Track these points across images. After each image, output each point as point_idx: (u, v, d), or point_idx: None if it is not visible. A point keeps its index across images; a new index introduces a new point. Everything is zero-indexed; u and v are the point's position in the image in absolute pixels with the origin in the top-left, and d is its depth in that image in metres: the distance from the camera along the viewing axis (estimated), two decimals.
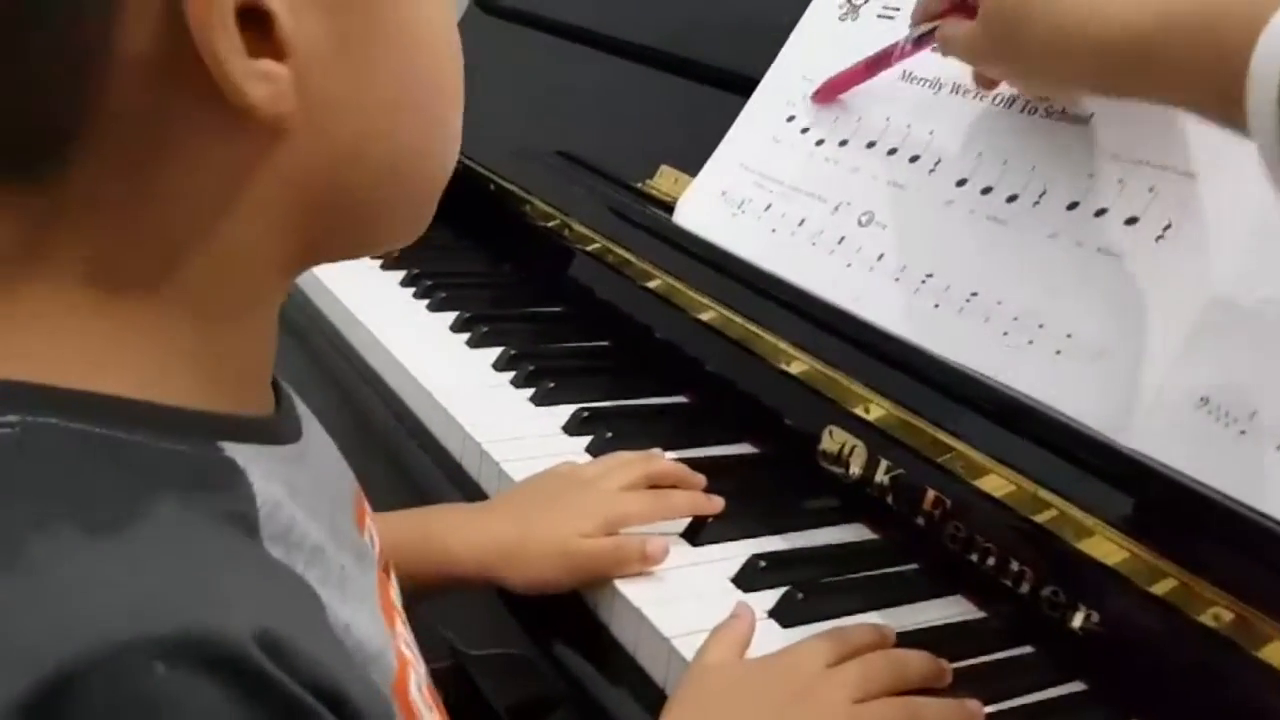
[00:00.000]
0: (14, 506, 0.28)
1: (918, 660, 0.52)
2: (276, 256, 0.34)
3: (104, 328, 0.32)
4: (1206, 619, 0.49)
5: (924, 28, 0.63)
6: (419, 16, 0.34)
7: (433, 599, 0.58)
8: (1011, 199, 0.61)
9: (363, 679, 0.32)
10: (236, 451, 0.32)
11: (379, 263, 1.01)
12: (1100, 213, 0.57)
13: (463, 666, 0.69)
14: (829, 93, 0.73)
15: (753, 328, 0.72)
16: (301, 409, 0.40)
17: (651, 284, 0.82)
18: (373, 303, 0.91)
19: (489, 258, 1.07)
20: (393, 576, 0.45)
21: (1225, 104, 0.45)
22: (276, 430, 0.36)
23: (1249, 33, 0.43)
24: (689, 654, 0.52)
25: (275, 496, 0.33)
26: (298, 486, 0.35)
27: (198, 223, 0.32)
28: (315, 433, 0.40)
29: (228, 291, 0.33)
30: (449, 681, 0.72)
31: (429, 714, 0.39)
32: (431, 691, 0.42)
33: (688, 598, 0.58)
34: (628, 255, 0.84)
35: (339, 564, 0.35)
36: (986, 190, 0.62)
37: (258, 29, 0.30)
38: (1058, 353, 0.55)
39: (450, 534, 0.60)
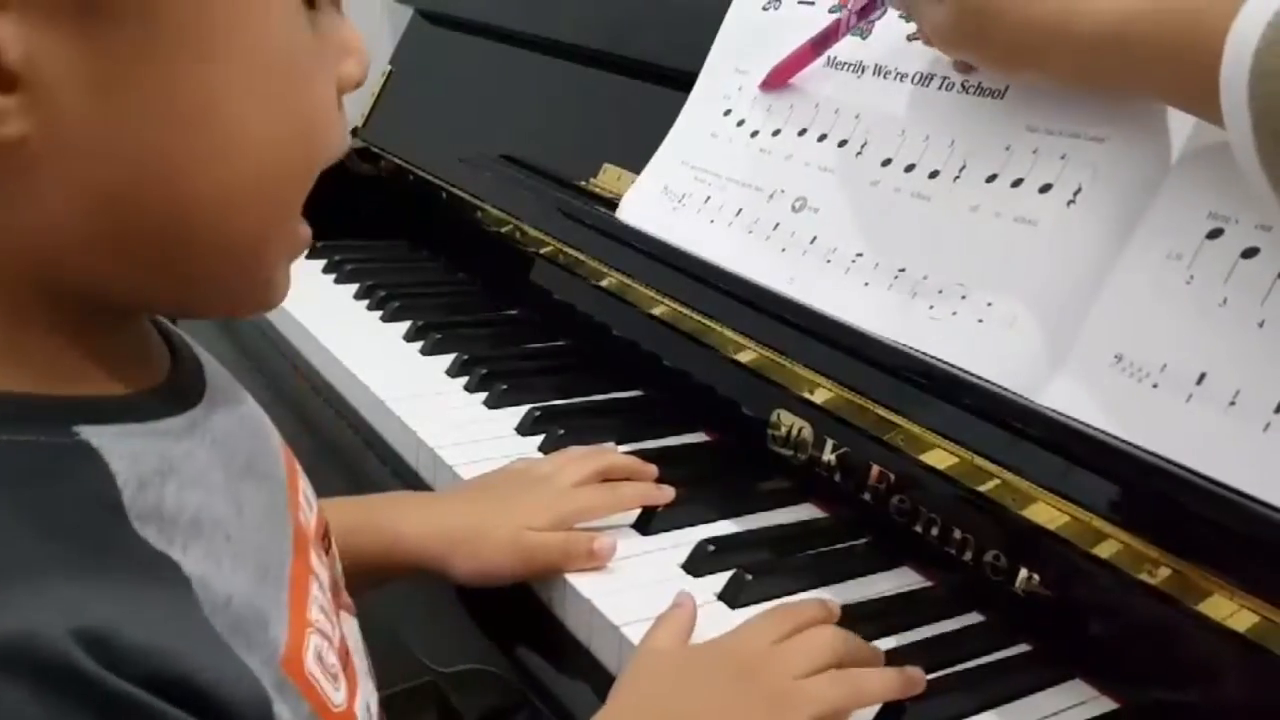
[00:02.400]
0: None
1: (858, 640, 0.53)
2: (60, 289, 0.33)
3: None
4: (1146, 576, 0.50)
5: (861, 9, 0.64)
6: (222, 75, 0.32)
7: (379, 586, 0.59)
8: (933, 175, 0.62)
9: (231, 663, 0.32)
10: (93, 434, 0.32)
11: (332, 276, 1.02)
12: (1017, 183, 0.58)
13: (436, 684, 0.70)
14: (778, 78, 0.73)
15: (702, 320, 0.72)
16: (212, 369, 0.39)
17: (604, 282, 0.82)
18: (326, 316, 0.92)
19: (444, 266, 1.08)
20: (331, 549, 0.45)
21: (1202, 98, 0.45)
22: (153, 406, 0.35)
23: (1219, 32, 0.43)
24: (637, 641, 0.53)
25: (142, 474, 0.32)
26: (178, 459, 0.34)
27: None
28: (225, 393, 0.39)
29: (24, 308, 0.33)
30: (425, 698, 0.73)
31: (331, 683, 0.39)
32: (345, 660, 0.41)
33: (638, 586, 0.58)
34: (579, 255, 0.85)
35: (228, 534, 0.35)
36: (910, 168, 0.63)
37: None
38: (980, 321, 0.56)
39: (401, 520, 0.60)
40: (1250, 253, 0.49)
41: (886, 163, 0.65)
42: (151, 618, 0.30)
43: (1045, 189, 0.57)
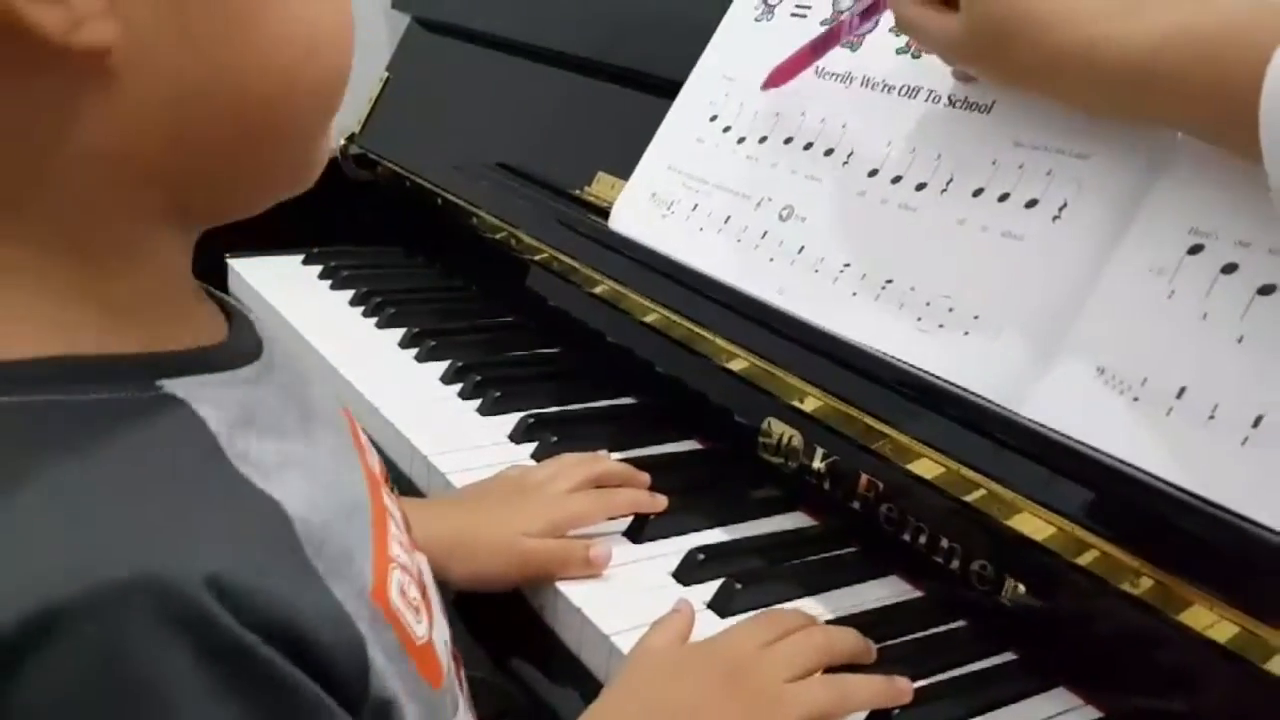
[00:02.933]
0: None
1: (847, 637, 0.54)
2: (143, 202, 0.33)
3: None
4: (1128, 587, 0.51)
5: (865, 4, 0.63)
6: None
7: None
8: (920, 187, 0.62)
9: (327, 600, 0.33)
10: (176, 386, 0.33)
11: (328, 283, 1.02)
12: (1003, 197, 0.59)
13: None
14: (778, 79, 0.73)
15: (695, 328, 0.73)
16: (264, 331, 0.40)
17: (597, 290, 0.83)
18: (321, 323, 0.92)
19: (438, 273, 1.08)
20: (394, 490, 0.46)
21: (1226, 128, 0.45)
22: (224, 355, 0.36)
23: (1250, 63, 0.43)
24: (628, 650, 0.54)
25: (229, 420, 0.33)
26: (256, 406, 0.35)
27: (43, 163, 0.31)
28: (278, 350, 0.40)
29: (104, 236, 0.33)
30: None
31: (414, 616, 0.39)
32: (425, 594, 0.42)
33: (628, 595, 0.59)
34: (573, 263, 0.85)
35: (310, 473, 0.36)
36: (896, 180, 0.64)
37: None
38: (966, 333, 0.57)
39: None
40: (1230, 268, 0.49)
41: (873, 174, 0.65)
42: (262, 561, 0.31)
43: (1031, 204, 0.57)
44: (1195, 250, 0.51)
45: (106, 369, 0.32)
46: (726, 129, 0.76)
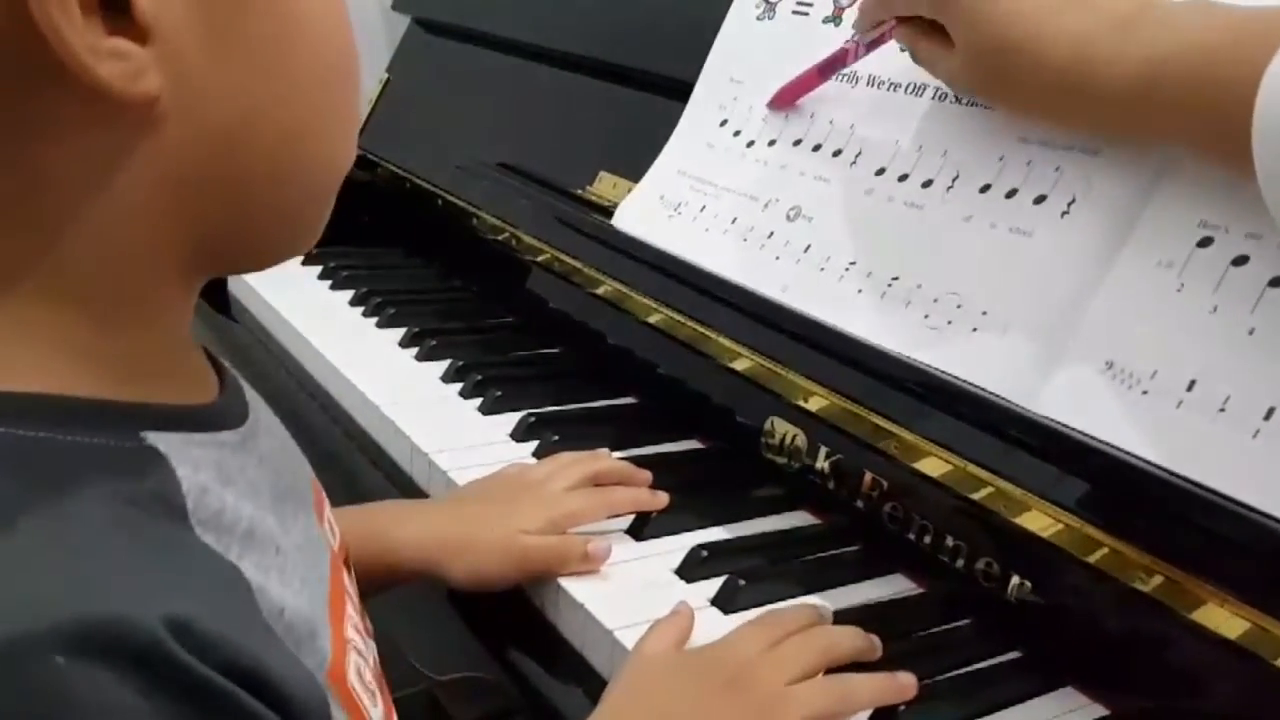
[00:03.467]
0: None
1: (850, 636, 0.53)
2: (167, 252, 0.34)
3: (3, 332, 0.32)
4: (1138, 584, 0.50)
5: (874, 34, 0.63)
6: (302, 8, 0.34)
7: (377, 594, 0.59)
8: (927, 184, 0.62)
9: (293, 662, 0.33)
10: (159, 440, 0.33)
11: (328, 283, 1.02)
12: (1011, 194, 0.58)
13: (430, 691, 0.70)
14: (785, 98, 0.73)
15: (697, 328, 0.73)
16: (252, 397, 0.40)
17: (599, 290, 0.83)
18: (321, 322, 0.92)
19: (439, 273, 1.08)
20: (352, 573, 0.46)
21: (1226, 148, 0.45)
22: (211, 418, 0.36)
23: (1246, 83, 0.43)
24: (631, 645, 0.53)
25: (203, 483, 0.33)
26: (233, 472, 0.35)
27: (78, 215, 0.32)
28: (266, 421, 0.40)
29: (121, 288, 0.33)
30: (420, 706, 0.73)
31: (370, 700, 0.39)
32: (379, 681, 0.42)
33: (631, 591, 0.59)
34: (575, 263, 0.85)
35: (277, 547, 0.36)
36: (903, 178, 0.63)
37: (118, 9, 0.30)
38: (974, 330, 0.57)
39: (394, 526, 0.61)
40: (1240, 260, 0.49)
41: (880, 172, 0.65)
42: (223, 612, 0.31)
43: (1040, 200, 0.57)
44: (1205, 243, 0.50)
45: (96, 414, 0.32)
46: (736, 133, 0.76)
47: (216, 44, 0.32)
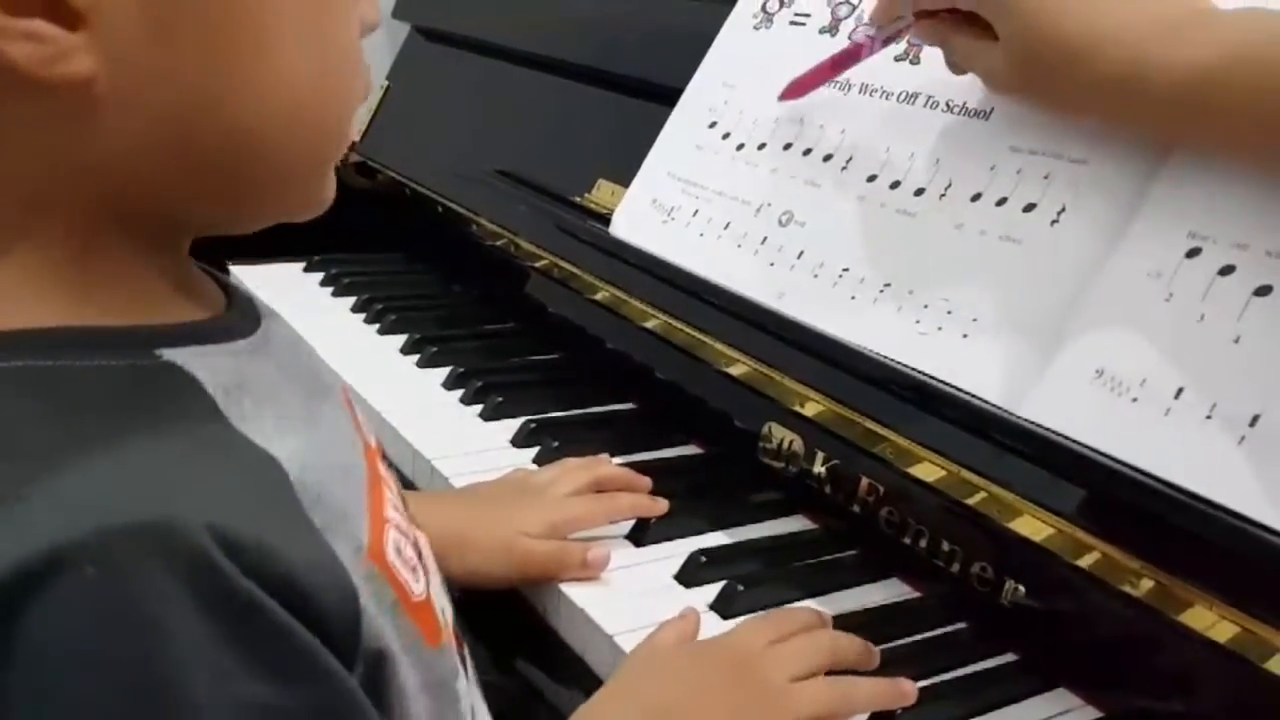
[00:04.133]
0: None
1: (852, 641, 0.54)
2: (136, 214, 0.35)
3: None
4: (1128, 588, 0.51)
5: (892, 29, 0.63)
6: (254, 14, 0.34)
7: None
8: (919, 192, 0.63)
9: (321, 552, 0.34)
10: (174, 354, 0.34)
11: (330, 290, 1.03)
12: (1001, 202, 0.59)
13: None
14: (797, 90, 0.73)
15: (695, 333, 0.73)
16: (265, 310, 0.41)
17: (597, 296, 0.84)
18: (323, 330, 0.92)
19: (439, 279, 1.09)
20: (390, 468, 0.47)
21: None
22: (219, 331, 0.37)
23: None
24: (630, 650, 0.54)
25: (224, 384, 0.34)
26: (250, 376, 0.36)
27: (33, 183, 0.33)
28: (280, 329, 0.41)
29: (102, 231, 0.34)
30: None
31: (412, 575, 0.40)
32: (425, 563, 0.43)
33: (631, 596, 0.59)
34: (573, 269, 0.86)
35: (306, 437, 0.36)
36: (895, 185, 0.64)
37: None
38: (965, 336, 0.57)
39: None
40: (1227, 270, 0.50)
41: (872, 179, 0.66)
42: (260, 513, 0.32)
43: (1029, 208, 0.58)
44: (1193, 253, 0.51)
45: (108, 339, 0.34)
46: (726, 135, 0.76)
47: (159, 31, 0.32)
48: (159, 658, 0.28)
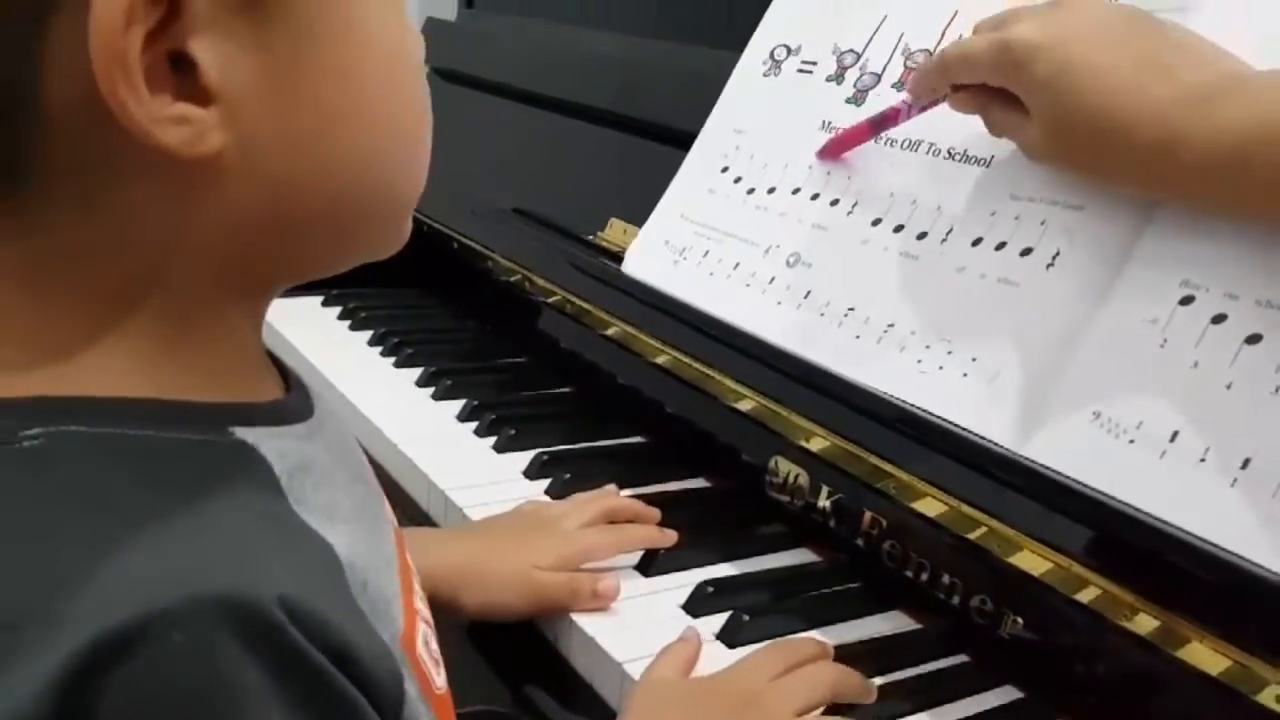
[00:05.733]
0: (50, 511, 0.31)
1: (854, 677, 0.56)
2: (242, 275, 0.37)
3: (94, 339, 0.35)
4: (1124, 622, 0.52)
5: (927, 99, 0.64)
6: (357, 56, 0.36)
7: None
8: (921, 236, 0.65)
9: (373, 637, 0.35)
10: (246, 434, 0.35)
11: (347, 324, 1.05)
12: (1000, 246, 0.61)
13: None
14: (834, 150, 0.73)
15: (704, 369, 0.75)
16: (314, 394, 0.42)
17: (609, 332, 0.86)
18: (340, 362, 0.95)
19: (454, 314, 1.11)
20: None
21: None
22: (284, 412, 0.39)
23: None
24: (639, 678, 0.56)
25: (289, 469, 0.36)
26: (311, 459, 0.37)
27: (153, 245, 0.34)
28: (326, 412, 0.42)
29: (199, 303, 0.36)
30: None
31: (435, 669, 0.42)
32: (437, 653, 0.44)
33: (640, 625, 0.61)
34: (586, 305, 0.88)
35: (354, 525, 0.38)
36: (899, 229, 0.66)
37: (186, 72, 0.32)
38: (964, 375, 0.59)
39: (413, 553, 0.63)
40: (1219, 319, 0.52)
41: (877, 223, 0.68)
42: (322, 591, 0.33)
43: (1026, 252, 0.60)
44: (1187, 301, 0.53)
45: (188, 414, 0.35)
46: (737, 180, 0.79)
47: (279, 102, 0.34)
48: None
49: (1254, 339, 0.50)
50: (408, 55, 0.38)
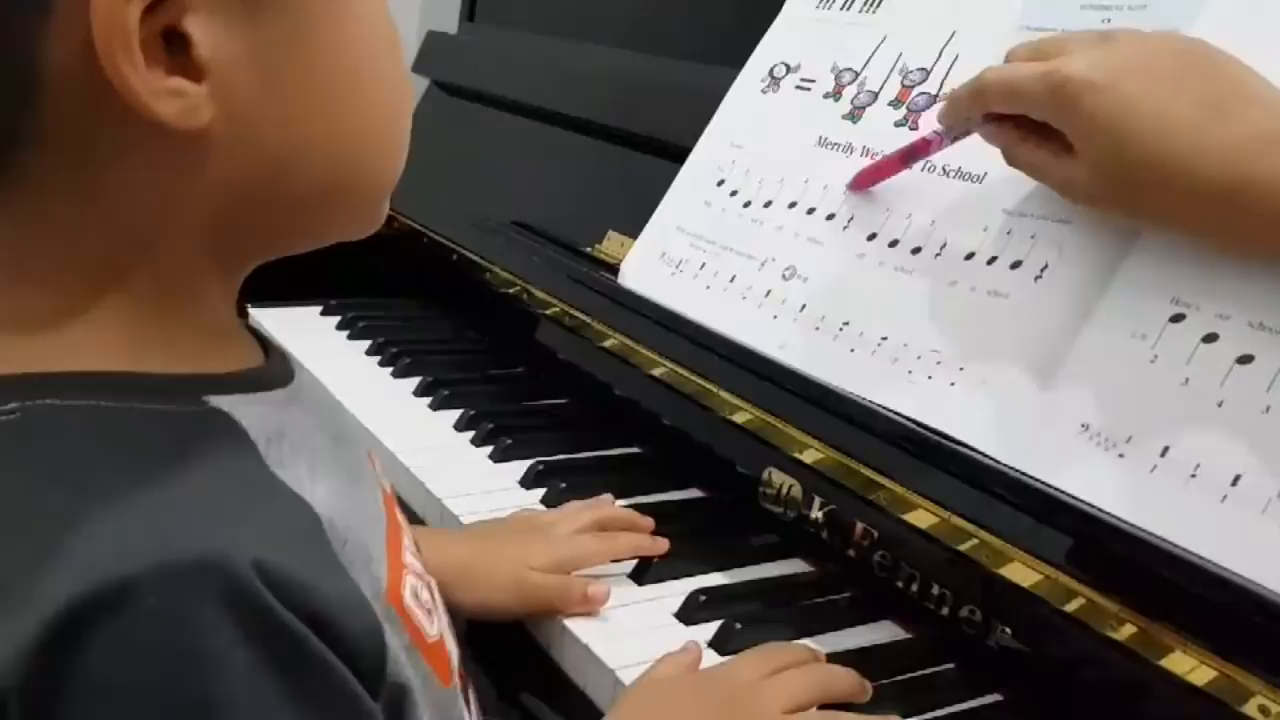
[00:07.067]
0: (26, 481, 0.32)
1: (845, 675, 0.56)
2: (217, 255, 0.37)
3: (74, 316, 0.35)
4: (1111, 632, 0.53)
5: (959, 129, 0.62)
6: (347, 39, 0.37)
7: None
8: (916, 251, 0.66)
9: (352, 591, 0.36)
10: (221, 401, 0.36)
11: (346, 333, 1.06)
12: (991, 260, 0.62)
13: None
14: (864, 182, 0.71)
15: (700, 382, 0.76)
16: (296, 364, 0.44)
17: (606, 344, 0.86)
18: (339, 371, 0.95)
19: (452, 325, 1.12)
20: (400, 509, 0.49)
21: None
22: (260, 380, 0.39)
23: None
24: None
25: (265, 431, 0.37)
26: (289, 423, 0.38)
27: (140, 220, 0.35)
28: (309, 381, 0.43)
29: (179, 278, 0.37)
30: None
31: (427, 618, 0.42)
32: (438, 607, 0.45)
33: (633, 633, 0.61)
34: (583, 317, 0.88)
35: (334, 484, 0.39)
36: (893, 243, 0.67)
37: (179, 47, 0.33)
38: (952, 384, 0.60)
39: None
40: (1210, 338, 0.52)
41: (872, 237, 0.69)
42: (297, 552, 0.34)
43: (1016, 265, 0.61)
44: (1177, 319, 0.54)
45: (164, 385, 0.36)
46: (733, 193, 0.80)
47: (268, 79, 0.35)
48: (208, 687, 0.30)
49: (1245, 359, 0.51)
50: (392, 36, 0.39)
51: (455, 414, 0.87)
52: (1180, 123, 0.50)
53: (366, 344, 1.02)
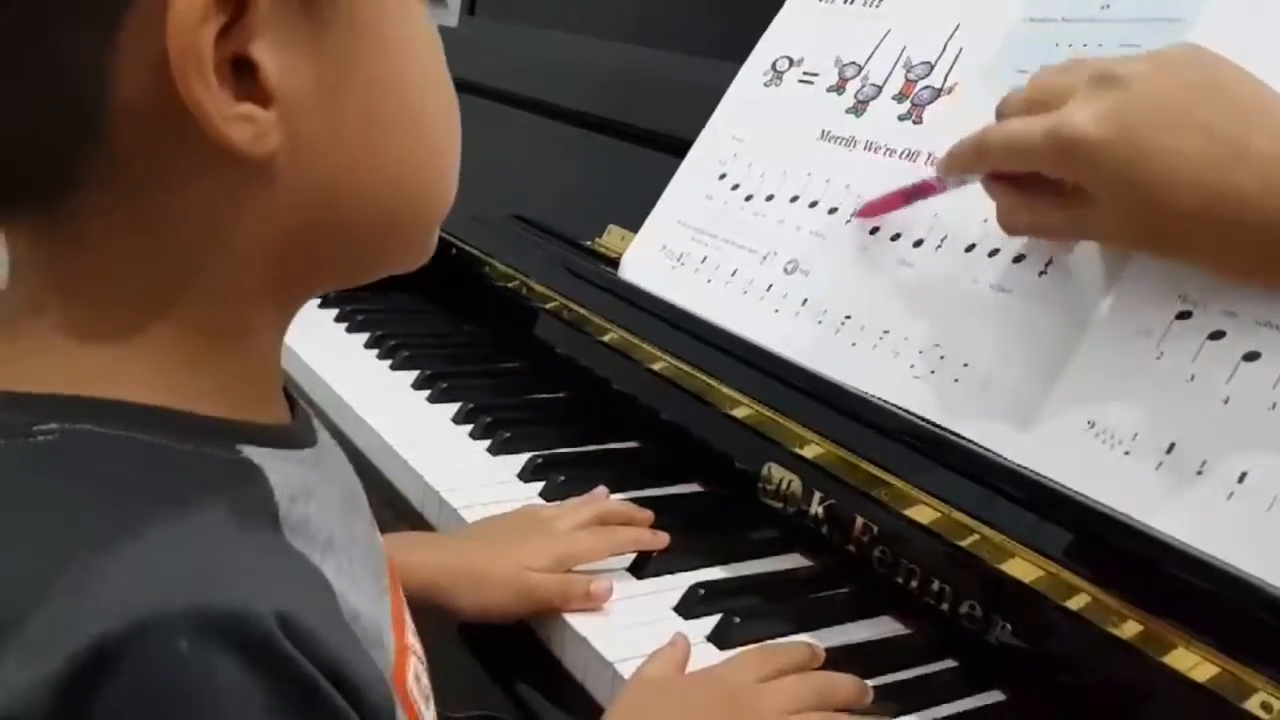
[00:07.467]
0: (55, 506, 0.31)
1: (846, 683, 0.56)
2: (275, 282, 0.37)
3: (120, 344, 0.35)
4: (1112, 629, 0.53)
5: (960, 179, 0.61)
6: (404, 66, 0.37)
7: None
8: (917, 244, 0.66)
9: (369, 662, 0.35)
10: (253, 453, 0.36)
11: (344, 326, 1.05)
12: (993, 254, 0.62)
13: None
14: (870, 212, 0.70)
15: (700, 376, 0.76)
16: (316, 423, 0.43)
17: (606, 338, 0.86)
18: (337, 364, 0.95)
19: (452, 318, 1.11)
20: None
21: None
22: (291, 436, 0.39)
23: None
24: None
25: (291, 492, 0.36)
26: (312, 486, 0.38)
27: (197, 251, 0.35)
28: (327, 442, 0.43)
29: (229, 313, 0.36)
30: None
31: (425, 704, 0.42)
32: (429, 689, 0.44)
33: (632, 627, 0.61)
34: (583, 311, 0.88)
35: (350, 556, 0.38)
36: (896, 237, 0.67)
37: (246, 74, 0.32)
38: (955, 380, 0.60)
39: (408, 555, 0.62)
40: (1217, 335, 0.52)
41: (874, 231, 0.69)
42: (316, 612, 0.33)
43: (1019, 259, 0.61)
44: (1184, 316, 0.54)
45: (200, 426, 0.35)
46: (735, 187, 0.79)
47: (330, 108, 0.34)
48: None
49: (1252, 356, 0.51)
50: (441, 63, 0.39)
51: (454, 407, 0.87)
52: (1202, 165, 0.48)
53: (365, 336, 1.02)
